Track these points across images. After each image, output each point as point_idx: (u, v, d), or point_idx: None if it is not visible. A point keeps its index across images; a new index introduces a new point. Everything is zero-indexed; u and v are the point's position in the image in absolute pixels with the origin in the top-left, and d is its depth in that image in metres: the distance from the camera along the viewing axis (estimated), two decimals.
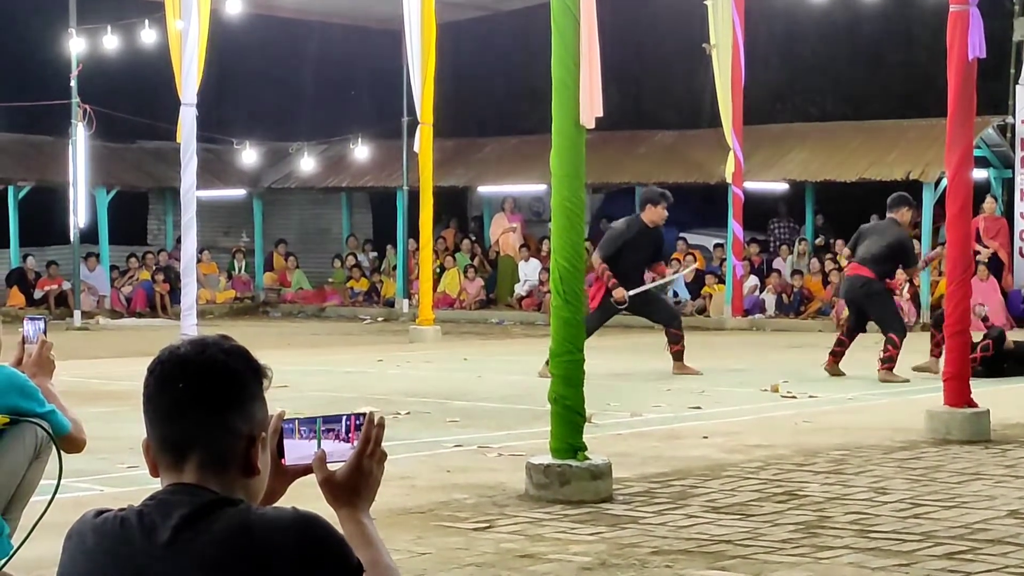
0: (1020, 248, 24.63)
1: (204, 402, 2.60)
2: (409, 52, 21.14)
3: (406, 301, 27.21)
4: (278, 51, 32.15)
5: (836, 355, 14.89)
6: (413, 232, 25.22)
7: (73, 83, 23.64)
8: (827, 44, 28.98)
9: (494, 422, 11.41)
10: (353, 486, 2.79)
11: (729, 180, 23.89)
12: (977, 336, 12.95)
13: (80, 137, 23.85)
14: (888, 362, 14.31)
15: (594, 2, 8.50)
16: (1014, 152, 25.22)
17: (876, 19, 27.31)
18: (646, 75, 31.08)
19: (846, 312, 16.11)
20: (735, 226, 24.05)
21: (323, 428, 2.82)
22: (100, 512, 2.64)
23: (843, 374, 14.69)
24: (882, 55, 29.04)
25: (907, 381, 14.03)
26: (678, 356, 15.09)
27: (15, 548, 5.18)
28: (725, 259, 25.17)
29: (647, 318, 15.65)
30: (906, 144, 24.67)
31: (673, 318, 15.36)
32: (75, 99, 23.62)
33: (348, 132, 28.81)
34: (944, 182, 14.83)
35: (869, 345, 15.09)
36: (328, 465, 2.80)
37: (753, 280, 25.30)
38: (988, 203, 24.38)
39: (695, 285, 25.92)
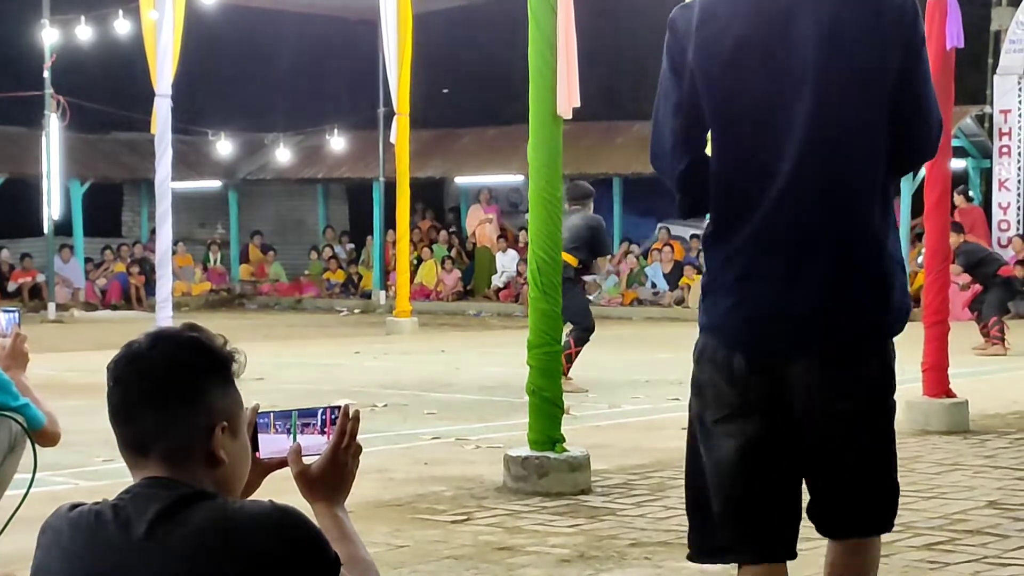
0: (999, 238, 24.68)
1: (152, 400, 2.56)
2: (385, 42, 21.07)
3: (383, 293, 27.16)
4: (253, 41, 32.05)
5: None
6: (390, 223, 25.18)
7: (46, 74, 23.51)
8: None
9: (472, 414, 11.39)
10: (328, 479, 2.77)
11: None
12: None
13: (54, 128, 23.74)
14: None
15: None
16: (992, 142, 25.27)
17: None
18: (623, 65, 31.05)
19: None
20: None
21: (298, 422, 2.80)
22: (75, 506, 2.60)
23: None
24: None
25: None
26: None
27: None
28: (703, 250, 25.14)
29: None
30: None
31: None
32: (48, 90, 23.51)
33: (324, 123, 28.76)
34: (922, 173, 14.83)
35: None
36: (303, 458, 2.77)
37: None
38: (956, 198, 24.45)
39: (674, 276, 25.93)
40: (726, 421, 3.62)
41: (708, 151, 3.74)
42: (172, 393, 2.57)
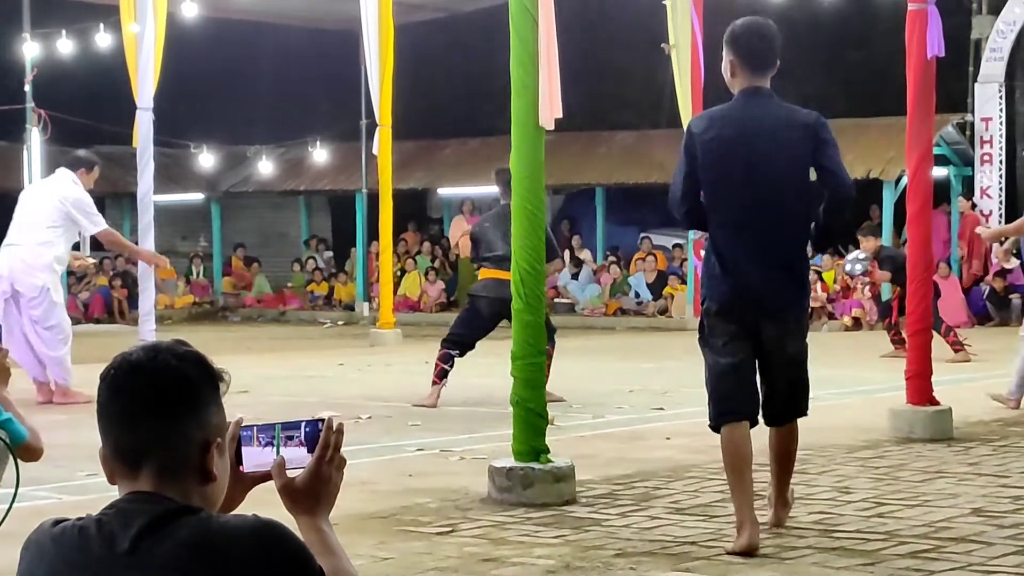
0: None
1: (156, 409, 2.55)
2: (367, 54, 21.05)
3: (366, 304, 27.12)
4: (235, 54, 32.00)
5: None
6: (373, 235, 25.14)
7: (28, 87, 23.42)
8: (786, 43, 28.23)
9: (456, 425, 11.37)
10: (312, 493, 2.76)
11: None
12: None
13: (35, 142, 23.64)
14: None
15: (552, 3, 8.47)
16: (974, 150, 25.34)
17: (835, 18, 27.40)
18: (606, 76, 31.08)
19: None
20: None
21: (282, 434, 2.78)
22: (58, 521, 2.59)
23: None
24: (841, 54, 29.13)
25: None
26: None
27: None
28: (686, 259, 25.17)
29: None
30: (866, 143, 24.71)
31: None
32: (30, 104, 23.41)
33: (306, 135, 28.72)
34: (904, 180, 14.86)
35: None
36: (287, 472, 2.76)
37: None
38: (962, 204, 24.57)
39: (657, 285, 25.94)
40: (726, 348, 6.71)
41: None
42: (175, 404, 2.56)
